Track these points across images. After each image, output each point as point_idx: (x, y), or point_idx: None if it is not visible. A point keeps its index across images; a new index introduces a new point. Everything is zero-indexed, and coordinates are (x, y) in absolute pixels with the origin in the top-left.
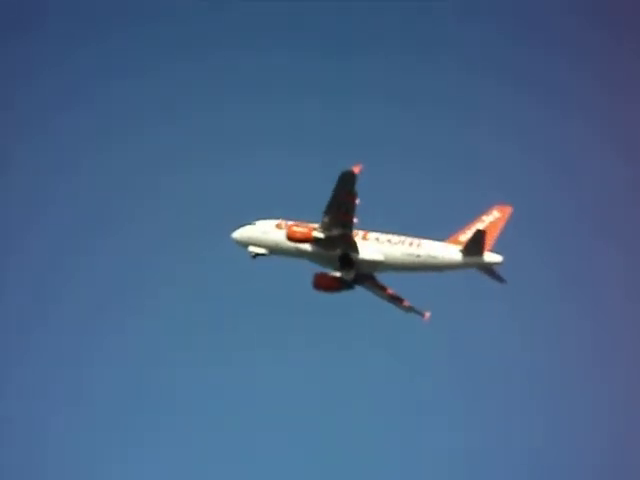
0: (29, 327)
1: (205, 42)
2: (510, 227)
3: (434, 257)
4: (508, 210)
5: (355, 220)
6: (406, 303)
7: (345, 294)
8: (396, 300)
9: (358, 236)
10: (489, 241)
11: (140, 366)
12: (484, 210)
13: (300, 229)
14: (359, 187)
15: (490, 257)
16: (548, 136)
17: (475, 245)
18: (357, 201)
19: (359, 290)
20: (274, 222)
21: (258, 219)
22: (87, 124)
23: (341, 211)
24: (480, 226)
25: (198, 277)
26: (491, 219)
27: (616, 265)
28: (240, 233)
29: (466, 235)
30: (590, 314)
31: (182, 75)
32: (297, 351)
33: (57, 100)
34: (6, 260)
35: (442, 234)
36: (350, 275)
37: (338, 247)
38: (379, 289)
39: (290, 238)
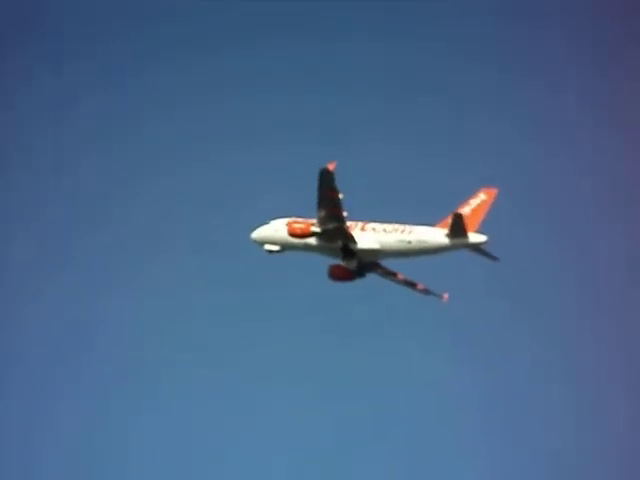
0: (28, 327)
1: (206, 42)
2: (499, 208)
3: (424, 242)
4: (494, 192)
5: (345, 213)
6: (420, 286)
7: (359, 282)
8: (410, 284)
9: (357, 227)
10: (476, 222)
11: (145, 364)
12: (471, 193)
13: (299, 225)
14: (360, 179)
15: (475, 237)
16: (538, 120)
17: (457, 228)
18: (340, 195)
19: (373, 278)
20: (285, 220)
21: (273, 218)
22: (87, 124)
23: (329, 206)
24: (466, 209)
25: (208, 273)
26: (478, 201)
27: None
28: (257, 233)
29: None
30: (578, 291)
31: (182, 75)
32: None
33: (57, 100)
34: (6, 260)
35: (438, 218)
36: (352, 264)
37: (338, 239)
38: (390, 275)
39: (291, 234)
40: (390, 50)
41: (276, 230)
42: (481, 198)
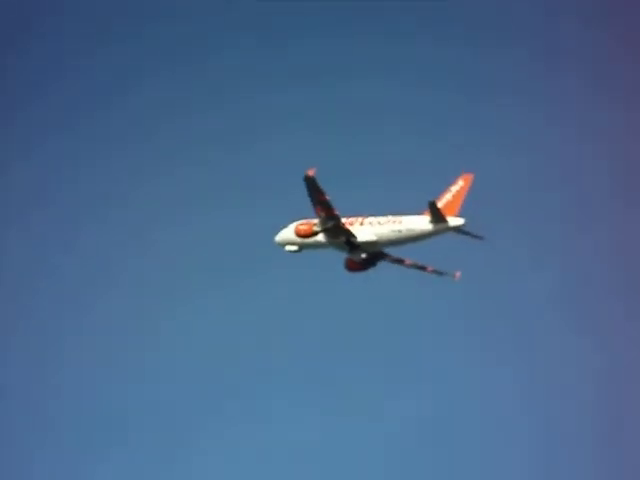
0: (28, 326)
1: (206, 42)
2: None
3: (412, 230)
4: (470, 178)
5: (337, 212)
6: (430, 268)
7: (371, 270)
8: (420, 267)
9: (357, 222)
10: (456, 207)
11: (145, 365)
12: (452, 181)
13: (303, 226)
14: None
15: (454, 221)
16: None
17: (435, 214)
18: (327, 197)
19: (385, 265)
20: (301, 222)
21: (292, 221)
22: (87, 124)
23: (322, 207)
24: (448, 196)
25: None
26: (457, 188)
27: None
28: (279, 236)
29: (441, 203)
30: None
31: (182, 74)
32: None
33: (57, 100)
34: (5, 259)
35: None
36: (358, 256)
37: (340, 235)
38: (398, 262)
39: (297, 234)
40: (389, 49)
41: (293, 232)
42: (460, 184)
